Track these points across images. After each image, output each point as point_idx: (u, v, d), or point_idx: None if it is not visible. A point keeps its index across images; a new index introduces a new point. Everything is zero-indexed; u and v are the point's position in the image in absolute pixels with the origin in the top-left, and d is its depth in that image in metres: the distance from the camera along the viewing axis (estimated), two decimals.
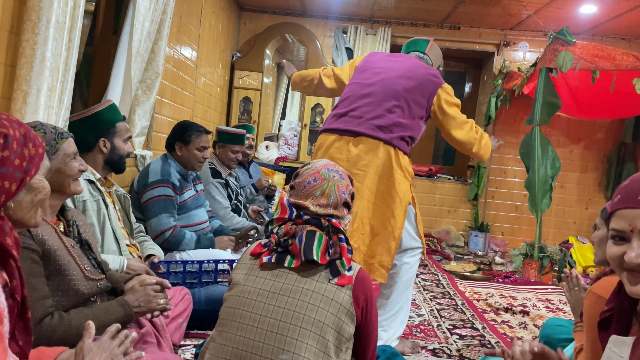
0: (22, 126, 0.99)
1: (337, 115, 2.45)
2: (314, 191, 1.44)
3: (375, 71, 2.51)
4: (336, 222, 1.41)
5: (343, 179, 1.48)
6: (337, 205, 1.44)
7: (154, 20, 2.91)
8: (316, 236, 1.39)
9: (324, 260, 1.37)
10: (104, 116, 2.15)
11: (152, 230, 2.71)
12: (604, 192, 5.48)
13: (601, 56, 3.88)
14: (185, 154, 2.89)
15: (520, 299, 3.47)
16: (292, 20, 5.50)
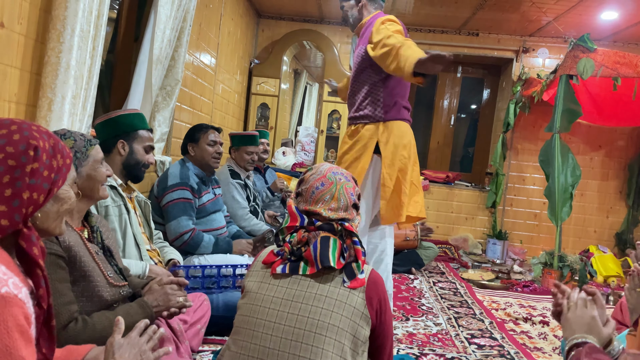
0: (51, 137, 1.00)
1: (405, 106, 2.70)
2: (323, 196, 1.44)
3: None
4: (349, 226, 1.41)
5: (349, 180, 1.48)
6: (347, 207, 1.44)
7: (175, 27, 2.94)
8: (330, 241, 1.38)
9: (340, 264, 1.37)
10: (128, 120, 2.18)
11: (171, 232, 2.75)
12: (625, 200, 5.39)
13: (623, 63, 3.82)
14: (198, 152, 2.94)
15: (539, 309, 3.42)
16: (310, 27, 5.53)
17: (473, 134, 6.47)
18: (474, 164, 6.40)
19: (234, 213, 3.40)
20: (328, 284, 1.36)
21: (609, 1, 4.13)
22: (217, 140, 2.98)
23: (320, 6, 5.07)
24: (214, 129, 3.03)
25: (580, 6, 4.31)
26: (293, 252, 1.41)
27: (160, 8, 2.75)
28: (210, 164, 2.97)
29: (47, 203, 1.00)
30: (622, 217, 5.40)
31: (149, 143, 2.23)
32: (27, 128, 0.96)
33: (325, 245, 1.37)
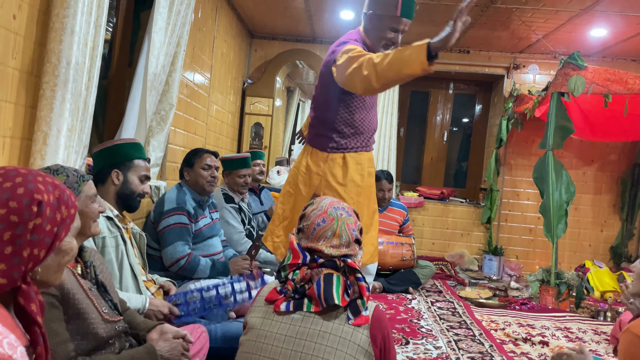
0: (56, 188, 0.98)
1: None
2: (324, 233, 1.43)
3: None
4: (352, 262, 1.40)
5: (350, 215, 1.47)
6: (349, 243, 1.44)
7: (169, 53, 2.95)
8: (334, 279, 1.38)
9: (345, 302, 1.36)
10: (123, 149, 2.17)
11: (167, 258, 2.73)
12: (619, 213, 5.42)
13: (613, 80, 3.86)
14: (193, 176, 2.95)
15: (538, 328, 3.41)
16: (302, 47, 5.56)
17: (466, 148, 6.50)
18: (467, 179, 6.42)
19: (229, 238, 3.38)
20: (332, 321, 1.35)
21: (598, 19, 4.19)
22: (213, 164, 2.98)
23: (313, 26, 5.11)
24: (211, 153, 3.03)
25: (569, 24, 4.37)
26: (296, 290, 1.40)
27: (154, 34, 2.76)
28: (205, 188, 2.96)
29: (49, 257, 0.98)
30: (616, 231, 5.42)
31: (144, 173, 2.21)
32: (32, 180, 0.94)
33: (329, 282, 1.36)
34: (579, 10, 4.01)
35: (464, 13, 1.83)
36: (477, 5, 4.11)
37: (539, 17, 4.26)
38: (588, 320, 3.71)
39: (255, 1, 4.49)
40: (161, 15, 2.79)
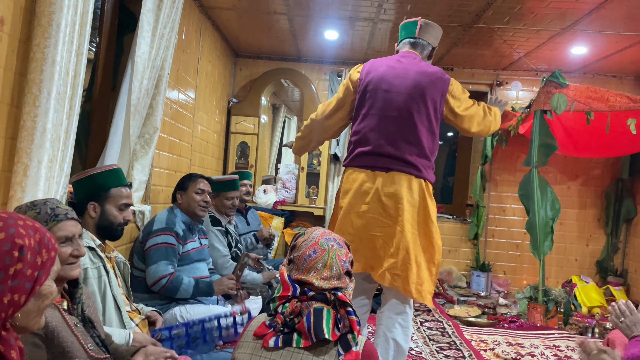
0: (37, 231, 0.96)
1: (364, 152, 2.48)
2: (315, 264, 1.41)
3: (384, 95, 2.45)
4: (342, 296, 1.38)
5: (341, 247, 1.46)
6: (340, 275, 1.41)
7: (152, 77, 2.93)
8: (324, 312, 1.35)
9: (335, 336, 1.34)
10: (98, 179, 2.10)
11: (150, 276, 2.70)
12: (604, 228, 5.47)
13: (595, 98, 3.92)
14: (185, 200, 2.96)
15: (527, 347, 3.40)
16: (287, 66, 5.57)
17: (452, 163, 6.55)
18: (454, 195, 6.45)
19: (214, 262, 3.34)
20: (322, 357, 1.33)
21: (578, 37, 4.27)
22: (206, 189, 3.00)
23: (297, 45, 5.13)
24: (204, 179, 3.04)
25: (550, 42, 4.44)
26: (286, 323, 1.38)
27: (137, 59, 2.74)
28: (197, 213, 2.96)
29: (29, 302, 0.95)
30: (601, 245, 5.46)
31: (124, 201, 2.13)
32: (13, 225, 0.92)
33: (319, 316, 1.34)
34: (559, 29, 4.08)
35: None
36: (460, 25, 4.16)
37: (521, 36, 4.32)
38: (576, 337, 3.72)
39: (240, 22, 4.50)
40: (144, 39, 2.77)
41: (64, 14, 1.85)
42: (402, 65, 2.47)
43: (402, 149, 2.40)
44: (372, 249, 2.45)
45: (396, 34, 4.51)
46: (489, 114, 2.60)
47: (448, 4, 3.74)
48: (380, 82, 2.47)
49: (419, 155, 2.41)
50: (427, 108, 2.42)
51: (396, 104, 2.42)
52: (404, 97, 2.41)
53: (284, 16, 4.26)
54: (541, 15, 3.81)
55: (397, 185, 2.38)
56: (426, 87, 2.41)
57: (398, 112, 2.42)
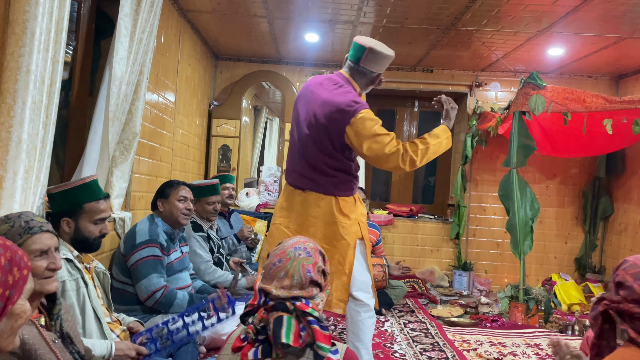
0: (8, 250, 0.94)
1: (288, 170, 2.66)
2: (278, 273, 1.40)
3: (296, 118, 2.59)
4: (302, 305, 1.35)
5: (310, 256, 1.43)
6: (302, 285, 1.39)
7: (131, 82, 2.89)
8: (284, 320, 1.34)
9: (297, 343, 1.32)
10: (71, 195, 2.05)
11: (142, 291, 2.65)
12: (582, 225, 5.57)
13: (571, 99, 3.99)
14: (167, 208, 2.91)
15: (509, 346, 3.45)
16: (268, 68, 5.55)
17: (433, 164, 6.59)
18: (435, 195, 6.50)
19: (197, 267, 3.32)
20: None
21: (555, 39, 4.33)
22: (188, 196, 2.95)
23: (278, 47, 5.11)
24: (186, 185, 2.99)
25: (527, 44, 4.50)
26: (258, 332, 1.37)
27: (115, 64, 2.70)
28: (179, 221, 2.92)
29: (1, 322, 0.93)
30: (580, 242, 5.56)
31: (99, 216, 2.08)
32: None
33: (278, 325, 1.33)
34: (536, 31, 4.13)
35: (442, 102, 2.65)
36: (439, 27, 4.19)
37: (499, 38, 4.37)
38: (557, 336, 3.77)
39: (219, 25, 4.47)
40: (122, 44, 2.74)
41: (38, 22, 1.82)
42: (318, 90, 2.51)
43: (309, 171, 2.52)
44: None
45: (377, 37, 4.53)
46: (407, 153, 2.38)
47: (427, 7, 3.76)
48: (298, 105, 2.60)
49: (324, 175, 2.49)
50: (326, 137, 2.45)
51: (302, 130, 2.52)
52: (306, 124, 2.50)
53: (264, 19, 4.24)
54: (518, 18, 3.86)
55: (308, 203, 2.51)
56: (325, 117, 2.42)
57: (303, 137, 2.52)
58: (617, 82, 5.47)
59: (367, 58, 2.46)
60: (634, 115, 3.71)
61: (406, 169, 2.39)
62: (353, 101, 2.37)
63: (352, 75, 2.52)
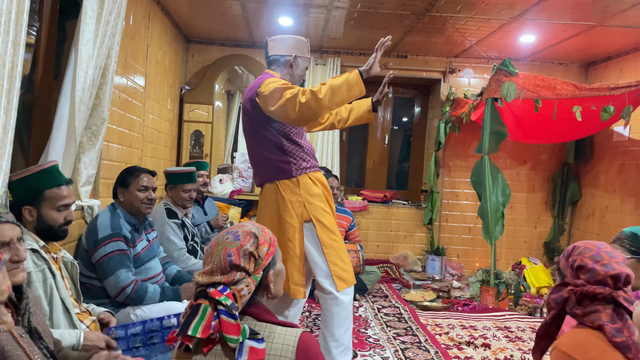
0: None
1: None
2: (206, 259, 1.34)
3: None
4: (214, 292, 1.26)
5: (237, 239, 1.32)
6: (223, 270, 1.29)
7: (98, 66, 2.80)
8: (200, 310, 1.26)
9: (206, 334, 1.24)
10: (29, 183, 1.97)
11: (111, 288, 2.56)
12: (551, 210, 5.69)
13: (542, 86, 4.03)
14: (127, 198, 2.76)
15: (480, 329, 3.51)
16: (241, 52, 5.46)
17: (407, 150, 6.62)
18: (409, 181, 6.55)
19: (170, 255, 3.26)
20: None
21: (527, 26, 4.37)
22: (150, 185, 2.80)
23: (251, 31, 5.03)
24: (148, 173, 2.86)
25: (500, 31, 4.53)
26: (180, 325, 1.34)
27: (81, 47, 2.61)
28: (141, 211, 2.79)
29: None
30: (549, 227, 5.69)
31: (62, 202, 2.01)
32: None
33: (192, 314, 1.27)
34: (509, 18, 4.16)
35: (382, 47, 2.40)
36: (413, 13, 4.18)
37: (472, 24, 4.38)
38: (526, 318, 3.87)
39: (190, 7, 4.36)
40: (88, 26, 2.64)
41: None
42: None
43: (255, 167, 2.72)
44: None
45: (351, 22, 4.50)
46: (306, 90, 2.31)
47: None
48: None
49: (263, 164, 2.62)
50: (250, 122, 2.60)
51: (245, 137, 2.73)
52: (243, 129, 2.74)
53: (236, 2, 4.16)
54: (492, 5, 3.87)
55: (262, 197, 2.68)
56: (245, 105, 2.62)
57: (246, 142, 2.71)
58: (587, 70, 5.57)
59: (270, 47, 2.65)
60: (603, 102, 3.78)
61: (311, 103, 2.26)
62: (261, 78, 2.55)
63: (270, 67, 2.69)
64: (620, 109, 3.66)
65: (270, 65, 2.68)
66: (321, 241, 2.50)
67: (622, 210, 4.75)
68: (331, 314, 2.46)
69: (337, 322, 2.46)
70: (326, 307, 2.47)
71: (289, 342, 1.27)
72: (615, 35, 4.41)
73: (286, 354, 1.25)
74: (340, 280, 2.46)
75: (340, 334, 2.46)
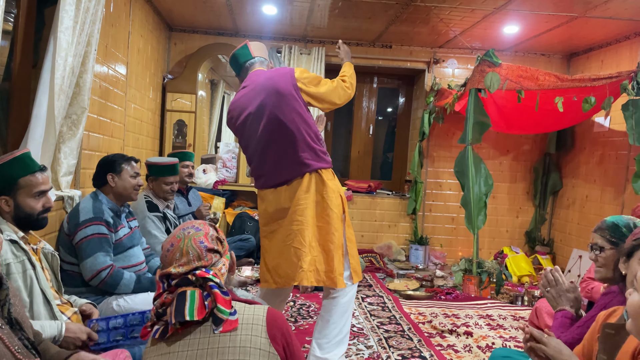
0: None
1: (257, 177, 2.68)
2: (173, 256, 1.40)
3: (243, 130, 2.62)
4: (202, 272, 1.37)
5: (199, 230, 1.44)
6: (199, 256, 1.39)
7: (78, 53, 2.75)
8: (187, 295, 1.35)
9: (202, 314, 1.34)
10: (2, 172, 1.93)
11: (87, 270, 2.56)
12: (532, 200, 5.77)
13: (525, 77, 4.06)
14: (120, 184, 2.77)
15: (462, 317, 3.56)
16: (225, 41, 5.40)
17: (391, 140, 6.64)
18: (393, 171, 6.57)
19: (153, 248, 3.24)
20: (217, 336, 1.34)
21: (510, 17, 4.39)
22: (139, 172, 2.85)
23: (235, 20, 4.97)
24: (135, 160, 2.88)
25: (484, 22, 4.54)
26: (158, 314, 1.38)
27: (60, 34, 2.55)
28: (131, 197, 2.82)
29: None
30: (530, 216, 5.77)
31: (39, 189, 1.98)
32: None
33: (181, 300, 1.34)
34: (492, 9, 4.17)
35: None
36: (398, 3, 4.17)
37: (456, 15, 4.39)
38: (507, 306, 3.93)
39: None
40: (67, 13, 2.58)
41: None
42: (252, 94, 2.58)
43: (282, 164, 2.56)
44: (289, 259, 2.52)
45: (335, 11, 4.47)
46: (344, 87, 2.66)
47: None
48: (237, 124, 2.65)
49: (296, 161, 2.52)
50: (295, 107, 2.52)
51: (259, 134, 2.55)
52: (261, 125, 2.53)
53: None
54: None
55: (294, 192, 2.52)
56: (276, 96, 2.49)
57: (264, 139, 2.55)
58: (569, 61, 5.62)
59: (254, 49, 2.72)
60: (584, 93, 3.83)
61: (351, 94, 2.69)
62: (280, 69, 2.62)
63: (252, 68, 2.68)
64: (601, 100, 3.71)
65: (253, 65, 2.68)
66: (346, 233, 2.56)
67: (602, 199, 4.83)
68: (337, 304, 2.51)
69: (341, 311, 2.52)
70: (335, 297, 2.51)
71: (259, 313, 1.39)
72: (597, 26, 4.45)
73: (257, 321, 1.37)
74: (355, 274, 2.57)
75: (342, 323, 2.52)
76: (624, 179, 4.50)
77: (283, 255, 2.53)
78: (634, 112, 3.56)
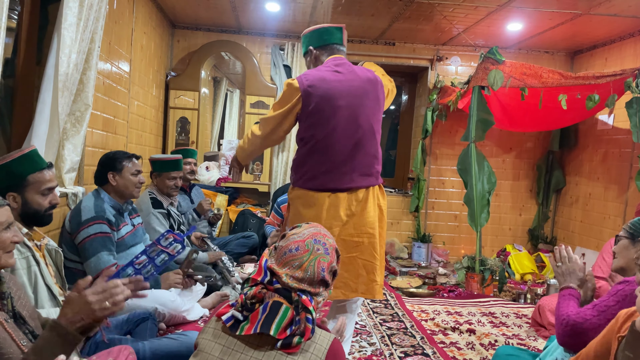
0: None
1: (326, 171, 2.32)
2: (292, 261, 1.38)
3: (340, 111, 2.28)
4: (306, 300, 1.35)
5: (328, 254, 1.42)
6: (312, 281, 1.38)
7: (81, 50, 2.75)
8: (281, 309, 1.33)
9: (283, 335, 1.31)
10: (11, 168, 1.94)
11: (91, 270, 2.58)
12: (535, 198, 5.76)
13: (529, 74, 4.05)
14: (121, 182, 2.80)
15: (465, 315, 3.56)
16: (228, 38, 5.40)
17: (394, 137, 6.63)
18: (396, 169, 6.57)
19: None
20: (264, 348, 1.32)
21: (514, 14, 4.38)
22: (140, 169, 2.86)
23: (238, 17, 4.97)
24: (136, 157, 2.89)
25: (487, 19, 4.53)
26: (245, 305, 1.36)
27: (64, 31, 2.56)
28: (133, 194, 2.85)
29: None
30: (533, 214, 5.76)
31: (46, 186, 1.99)
32: None
33: (274, 311, 1.32)
34: (496, 6, 4.16)
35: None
36: (401, 0, 4.16)
37: (460, 12, 4.38)
38: (510, 304, 3.93)
39: None
40: (71, 10, 2.59)
41: None
42: (350, 76, 2.34)
43: (365, 163, 2.35)
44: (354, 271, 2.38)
45: (339, 8, 4.46)
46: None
47: None
48: (325, 100, 2.27)
49: (375, 163, 2.41)
50: (377, 110, 2.42)
51: (353, 112, 2.31)
52: (357, 102, 2.31)
53: None
54: None
55: (354, 200, 2.33)
56: (370, 90, 2.37)
57: (354, 128, 2.32)
58: (573, 58, 5.60)
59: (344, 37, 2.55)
60: (588, 90, 3.82)
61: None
62: (365, 68, 2.50)
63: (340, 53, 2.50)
64: (605, 97, 3.70)
65: (340, 52, 2.46)
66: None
67: (605, 197, 4.81)
68: (350, 309, 2.49)
69: (353, 314, 2.51)
70: (354, 301, 2.48)
71: (322, 344, 1.35)
72: (601, 24, 4.44)
73: (318, 352, 1.32)
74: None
75: (352, 324, 2.52)
76: (627, 176, 4.49)
77: (344, 266, 2.34)
78: (637, 110, 3.55)
